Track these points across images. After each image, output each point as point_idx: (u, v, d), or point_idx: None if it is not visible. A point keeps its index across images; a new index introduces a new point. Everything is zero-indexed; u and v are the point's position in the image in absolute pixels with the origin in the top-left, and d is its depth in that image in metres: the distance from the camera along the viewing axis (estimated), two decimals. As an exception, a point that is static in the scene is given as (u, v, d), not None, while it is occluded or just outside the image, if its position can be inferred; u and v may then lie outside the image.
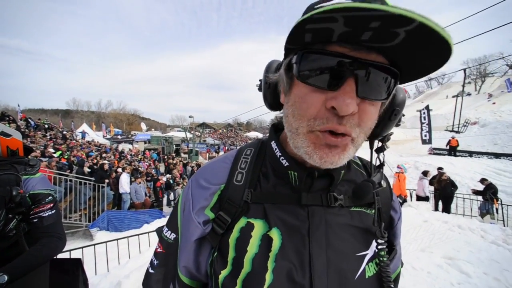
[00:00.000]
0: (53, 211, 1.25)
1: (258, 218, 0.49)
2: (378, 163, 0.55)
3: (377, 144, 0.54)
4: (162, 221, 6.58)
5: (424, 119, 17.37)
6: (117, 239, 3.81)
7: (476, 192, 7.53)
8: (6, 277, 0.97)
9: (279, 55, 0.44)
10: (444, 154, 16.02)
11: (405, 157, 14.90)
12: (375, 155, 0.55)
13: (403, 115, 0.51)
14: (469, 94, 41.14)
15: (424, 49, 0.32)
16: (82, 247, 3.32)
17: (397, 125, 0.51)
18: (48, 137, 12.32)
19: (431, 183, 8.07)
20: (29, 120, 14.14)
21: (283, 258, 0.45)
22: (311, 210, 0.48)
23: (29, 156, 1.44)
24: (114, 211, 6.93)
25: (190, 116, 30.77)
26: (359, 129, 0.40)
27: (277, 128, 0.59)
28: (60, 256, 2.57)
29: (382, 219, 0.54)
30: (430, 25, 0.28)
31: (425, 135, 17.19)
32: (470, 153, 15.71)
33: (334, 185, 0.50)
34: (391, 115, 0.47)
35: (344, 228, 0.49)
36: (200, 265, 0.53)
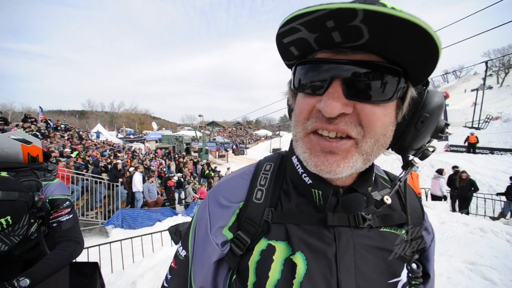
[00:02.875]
0: (70, 216, 1.28)
1: (280, 240, 0.45)
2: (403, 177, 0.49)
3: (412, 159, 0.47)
4: (174, 220, 6.72)
5: (441, 115, 16.62)
6: (131, 237, 3.93)
7: (500, 193, 7.13)
8: (28, 281, 1.01)
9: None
10: (462, 151, 15.24)
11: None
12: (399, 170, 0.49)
13: (447, 125, 0.44)
14: (490, 88, 38.91)
15: (396, 37, 0.30)
16: (99, 245, 3.44)
17: (438, 137, 0.45)
18: (66, 137, 12.86)
19: (450, 181, 7.72)
20: (49, 121, 14.83)
21: (309, 287, 0.41)
22: (337, 231, 0.44)
23: (48, 162, 1.49)
24: (128, 209, 7.16)
25: (199, 115, 31.16)
26: (361, 129, 0.36)
27: None
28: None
29: (415, 246, 0.50)
30: (374, 10, 0.27)
31: (442, 132, 16.44)
32: (492, 150, 14.85)
33: None
34: (417, 122, 0.42)
35: (374, 252, 0.45)
36: (218, 286, 0.50)
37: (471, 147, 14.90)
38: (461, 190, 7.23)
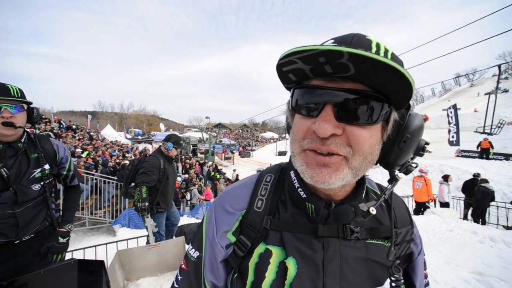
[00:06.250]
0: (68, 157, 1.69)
1: (276, 245, 0.51)
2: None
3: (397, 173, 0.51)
4: (180, 220, 6.80)
5: (452, 119, 16.16)
6: (137, 237, 4.03)
7: None
8: (70, 225, 1.48)
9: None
10: (474, 157, 14.74)
11: (429, 159, 13.91)
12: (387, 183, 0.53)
13: (427, 144, 0.50)
14: (505, 91, 37.35)
15: (377, 74, 0.36)
16: (106, 244, 3.56)
17: (420, 154, 0.50)
18: (77, 137, 13.30)
19: (465, 188, 7.51)
20: (61, 122, 15.40)
21: (298, 286, 0.46)
22: (326, 241, 0.49)
23: None
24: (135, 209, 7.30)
25: (206, 117, 31.57)
26: (350, 149, 0.41)
27: None
28: (86, 252, 2.77)
29: (399, 253, 0.53)
30: (357, 53, 0.33)
31: (453, 136, 16.00)
32: (507, 156, 14.29)
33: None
34: (399, 142, 0.47)
35: (359, 262, 0.49)
36: (223, 281, 0.56)
37: (484, 152, 14.39)
38: (475, 199, 6.96)
